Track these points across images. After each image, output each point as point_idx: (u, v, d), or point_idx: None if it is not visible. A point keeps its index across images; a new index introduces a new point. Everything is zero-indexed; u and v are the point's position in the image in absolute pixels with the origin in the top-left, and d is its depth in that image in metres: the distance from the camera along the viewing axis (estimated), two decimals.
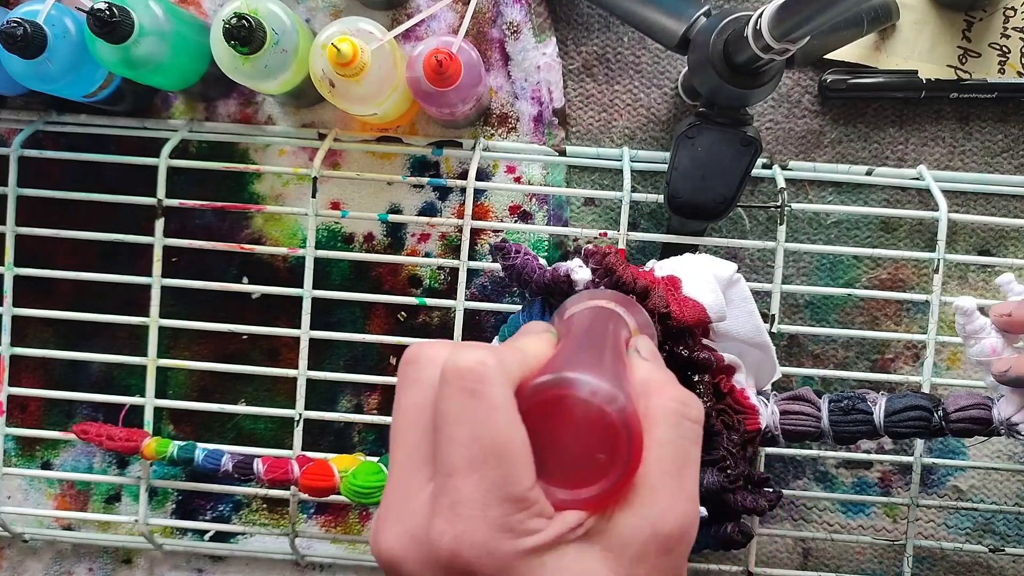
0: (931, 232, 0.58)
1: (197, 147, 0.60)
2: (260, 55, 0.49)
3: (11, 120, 0.60)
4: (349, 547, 0.60)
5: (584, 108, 0.59)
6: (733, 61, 0.45)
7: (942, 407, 0.45)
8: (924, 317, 0.58)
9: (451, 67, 0.49)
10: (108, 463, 0.61)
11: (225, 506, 0.61)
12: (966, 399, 0.44)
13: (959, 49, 0.58)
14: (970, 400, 0.44)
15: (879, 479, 0.59)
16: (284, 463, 0.50)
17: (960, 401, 0.44)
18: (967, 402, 0.44)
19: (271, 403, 0.59)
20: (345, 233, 0.60)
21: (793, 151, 0.59)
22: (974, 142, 0.59)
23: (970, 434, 0.44)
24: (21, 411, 0.61)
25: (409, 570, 0.27)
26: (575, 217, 0.60)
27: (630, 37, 0.59)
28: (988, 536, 0.59)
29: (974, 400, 0.44)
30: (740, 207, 0.58)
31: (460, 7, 0.58)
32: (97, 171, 0.59)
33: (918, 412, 0.45)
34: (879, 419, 0.45)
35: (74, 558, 0.62)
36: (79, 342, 0.60)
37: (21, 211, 0.58)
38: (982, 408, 0.44)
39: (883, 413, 0.45)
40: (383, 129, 0.59)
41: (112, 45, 0.48)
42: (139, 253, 0.59)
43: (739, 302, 0.46)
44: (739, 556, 0.57)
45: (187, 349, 0.60)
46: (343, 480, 0.48)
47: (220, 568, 0.61)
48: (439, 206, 0.59)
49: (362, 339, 0.57)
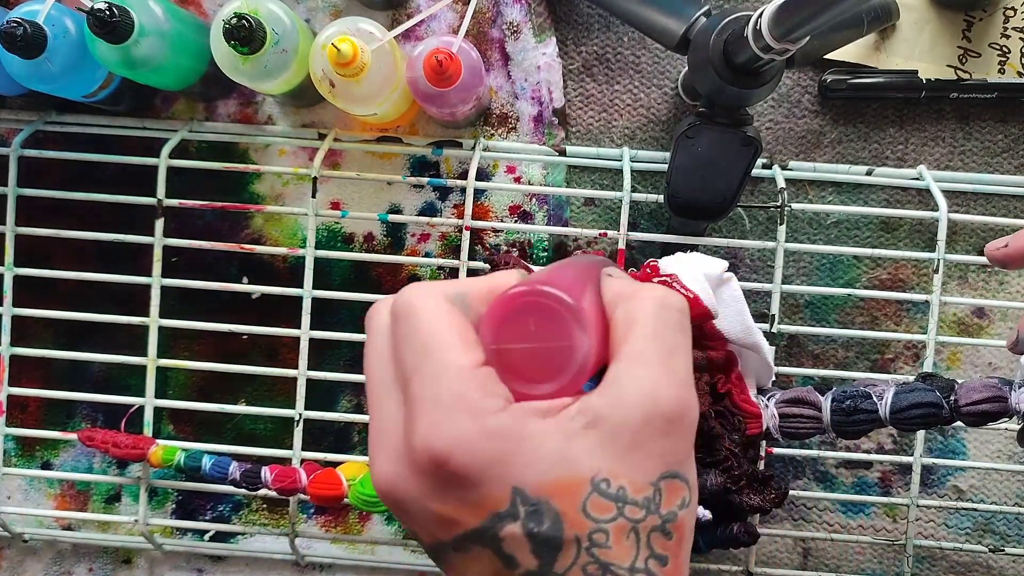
0: (931, 232, 0.58)
1: (197, 147, 0.60)
2: (260, 55, 0.49)
3: (11, 120, 0.60)
4: (349, 547, 0.60)
5: (584, 108, 0.59)
6: (733, 61, 0.45)
7: (953, 397, 0.43)
8: (924, 317, 0.58)
9: (451, 67, 0.49)
10: (108, 463, 0.61)
11: (225, 506, 0.61)
12: (980, 391, 0.42)
13: (959, 49, 0.58)
14: (984, 393, 0.42)
15: (879, 479, 0.59)
16: (292, 472, 0.50)
17: (973, 394, 0.42)
18: (980, 396, 0.42)
19: (271, 403, 0.59)
20: (345, 233, 0.60)
21: (793, 151, 0.59)
22: (974, 142, 0.59)
23: (983, 424, 0.43)
24: (21, 411, 0.61)
25: (403, 490, 0.27)
26: (575, 217, 0.60)
27: (630, 37, 0.59)
28: (988, 536, 0.59)
29: (988, 393, 0.42)
30: (740, 207, 0.58)
31: (460, 7, 0.58)
32: (97, 171, 0.59)
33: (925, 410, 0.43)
34: (884, 416, 0.44)
35: (74, 558, 0.62)
36: (79, 342, 0.60)
37: (21, 211, 0.58)
38: (996, 402, 0.42)
39: (888, 411, 0.44)
40: (383, 129, 0.59)
41: (112, 45, 0.48)
42: (139, 253, 0.58)
43: (729, 301, 0.45)
44: (739, 556, 0.57)
45: (187, 349, 0.60)
46: (351, 488, 0.48)
47: (220, 568, 0.61)
48: (439, 206, 0.59)
49: (362, 339, 0.57)
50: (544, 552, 0.26)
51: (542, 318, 0.27)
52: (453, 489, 0.26)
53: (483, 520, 0.26)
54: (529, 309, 0.27)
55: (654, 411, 0.27)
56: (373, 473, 0.28)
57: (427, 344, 0.27)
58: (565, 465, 0.26)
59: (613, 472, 0.27)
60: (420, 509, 0.27)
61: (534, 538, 0.26)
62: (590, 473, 0.26)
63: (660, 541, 0.27)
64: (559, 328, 0.27)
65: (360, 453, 0.60)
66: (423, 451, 0.26)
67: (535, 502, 0.26)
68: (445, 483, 0.26)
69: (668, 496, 0.27)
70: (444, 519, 0.27)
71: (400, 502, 0.28)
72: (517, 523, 0.26)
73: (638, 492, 0.27)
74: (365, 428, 0.60)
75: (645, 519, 0.27)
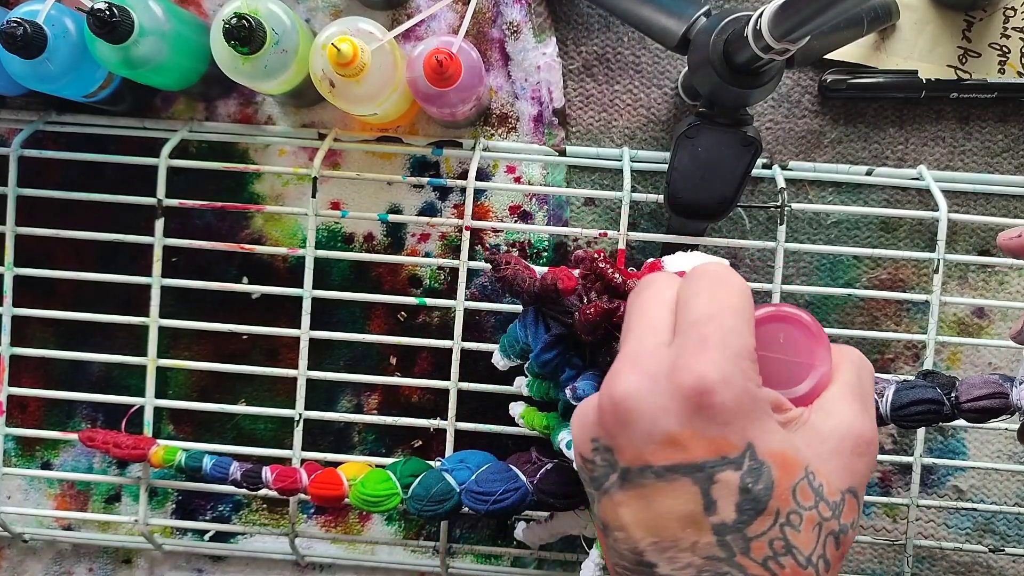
0: (931, 232, 0.58)
1: (197, 147, 0.60)
2: (260, 55, 0.49)
3: (11, 120, 0.60)
4: (349, 547, 0.60)
5: (584, 108, 0.59)
6: (733, 61, 0.45)
7: (955, 395, 0.43)
8: (924, 317, 0.58)
9: (451, 67, 0.49)
10: (108, 463, 0.61)
11: (225, 506, 0.61)
12: (980, 387, 0.43)
13: (959, 49, 0.58)
14: (984, 389, 0.43)
15: (879, 479, 0.59)
16: (293, 472, 0.50)
17: (974, 391, 0.43)
18: (981, 392, 0.43)
19: (271, 403, 0.59)
20: (345, 233, 0.60)
21: (793, 151, 0.59)
22: (974, 142, 0.59)
23: (984, 420, 0.44)
24: (21, 411, 0.61)
25: (646, 403, 0.29)
26: (575, 217, 0.60)
27: (630, 37, 0.59)
28: (988, 536, 0.59)
29: (989, 389, 0.43)
30: (740, 207, 0.58)
31: (460, 7, 0.58)
32: (97, 171, 0.59)
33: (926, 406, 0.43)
34: (885, 413, 0.44)
35: (74, 558, 0.62)
36: (79, 342, 0.60)
37: (21, 211, 0.58)
38: (997, 398, 0.42)
39: (889, 407, 0.43)
40: (383, 129, 0.59)
41: (112, 45, 0.48)
42: (139, 253, 0.59)
43: None
44: None
45: (187, 349, 0.60)
46: (352, 488, 0.48)
47: (220, 568, 0.61)
48: (439, 206, 0.59)
49: (362, 339, 0.57)
50: (747, 509, 0.28)
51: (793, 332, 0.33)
52: (699, 419, 0.28)
53: (710, 457, 0.28)
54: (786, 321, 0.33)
55: (857, 433, 0.31)
56: (615, 383, 0.30)
57: (736, 305, 0.30)
58: (791, 446, 0.30)
59: (818, 469, 0.30)
60: (650, 426, 0.29)
61: (746, 492, 0.28)
62: (805, 462, 0.30)
63: (831, 546, 0.30)
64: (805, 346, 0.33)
65: (360, 453, 0.60)
66: (694, 377, 0.28)
67: (760, 462, 0.29)
68: (695, 410, 0.28)
69: (847, 509, 0.30)
70: (672, 442, 0.29)
71: (631, 412, 0.29)
72: (738, 473, 0.28)
73: (831, 495, 0.30)
74: (365, 428, 0.60)
75: (829, 520, 0.29)
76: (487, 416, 0.57)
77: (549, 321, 0.44)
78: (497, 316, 0.59)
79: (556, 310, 0.43)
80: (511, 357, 0.49)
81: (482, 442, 0.57)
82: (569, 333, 0.43)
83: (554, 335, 0.44)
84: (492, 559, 0.60)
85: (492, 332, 0.59)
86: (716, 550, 0.28)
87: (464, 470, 0.47)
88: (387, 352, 0.59)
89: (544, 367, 0.44)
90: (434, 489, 0.46)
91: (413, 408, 0.60)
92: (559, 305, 0.42)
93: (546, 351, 0.44)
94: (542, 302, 0.44)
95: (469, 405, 0.57)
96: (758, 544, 0.28)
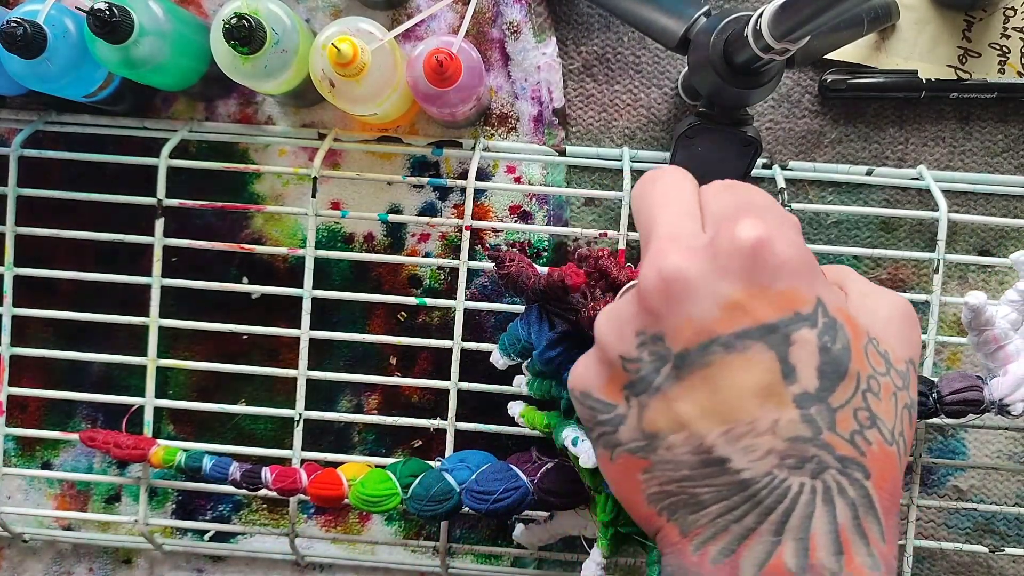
0: (931, 232, 0.58)
1: (197, 147, 0.60)
2: (260, 55, 0.49)
3: (11, 120, 0.60)
4: (349, 547, 0.60)
5: (584, 108, 0.59)
6: (733, 61, 0.45)
7: (936, 389, 0.47)
8: (924, 317, 0.58)
9: (451, 67, 0.49)
10: (108, 463, 0.61)
11: (225, 506, 0.61)
12: (959, 381, 0.47)
13: (959, 49, 0.58)
14: (963, 383, 0.46)
15: None
16: (292, 472, 0.50)
17: (954, 384, 0.46)
18: (960, 384, 0.46)
19: (271, 403, 0.59)
20: (345, 233, 0.60)
21: (793, 151, 0.59)
22: (974, 142, 0.59)
23: (963, 415, 0.47)
24: (21, 411, 0.61)
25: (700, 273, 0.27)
26: (575, 217, 0.60)
27: (630, 37, 0.59)
28: (988, 536, 0.59)
29: (967, 383, 0.46)
30: None
31: (460, 7, 0.58)
32: (97, 171, 0.59)
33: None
34: None
35: (74, 558, 0.62)
36: (79, 342, 0.60)
37: (21, 211, 0.58)
38: (975, 390, 0.46)
39: None
40: (383, 129, 0.59)
41: (112, 45, 0.48)
42: (139, 253, 0.59)
43: None
44: None
45: (187, 349, 0.60)
46: (352, 488, 0.48)
47: (220, 568, 0.61)
48: (439, 206, 0.59)
49: (362, 339, 0.57)
50: (828, 374, 0.26)
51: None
52: (765, 274, 0.26)
53: (783, 315, 0.26)
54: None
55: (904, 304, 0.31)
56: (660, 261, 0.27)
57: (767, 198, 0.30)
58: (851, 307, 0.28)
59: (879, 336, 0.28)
60: (711, 292, 0.26)
61: (826, 353, 0.26)
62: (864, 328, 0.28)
63: (907, 421, 0.27)
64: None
65: (360, 453, 0.60)
66: (753, 232, 0.26)
67: (832, 319, 0.26)
68: (759, 266, 0.26)
69: (912, 382, 0.28)
70: (736, 307, 0.26)
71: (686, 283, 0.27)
72: (814, 330, 0.26)
73: (898, 363, 0.28)
74: (365, 428, 0.60)
75: (902, 391, 0.27)
76: (487, 416, 0.57)
77: (553, 318, 0.45)
78: (497, 316, 0.59)
79: (560, 307, 0.43)
80: (511, 356, 0.49)
81: (482, 442, 0.57)
82: (574, 330, 0.43)
83: (559, 332, 0.44)
84: (492, 559, 0.60)
85: (492, 332, 0.59)
86: (800, 428, 0.25)
87: (464, 470, 0.47)
88: (387, 352, 0.59)
89: (548, 364, 0.44)
90: (434, 489, 0.46)
91: (413, 408, 0.60)
92: (564, 302, 0.42)
93: (551, 348, 0.44)
94: (547, 299, 0.44)
95: (469, 405, 0.57)
96: (843, 416, 0.25)
